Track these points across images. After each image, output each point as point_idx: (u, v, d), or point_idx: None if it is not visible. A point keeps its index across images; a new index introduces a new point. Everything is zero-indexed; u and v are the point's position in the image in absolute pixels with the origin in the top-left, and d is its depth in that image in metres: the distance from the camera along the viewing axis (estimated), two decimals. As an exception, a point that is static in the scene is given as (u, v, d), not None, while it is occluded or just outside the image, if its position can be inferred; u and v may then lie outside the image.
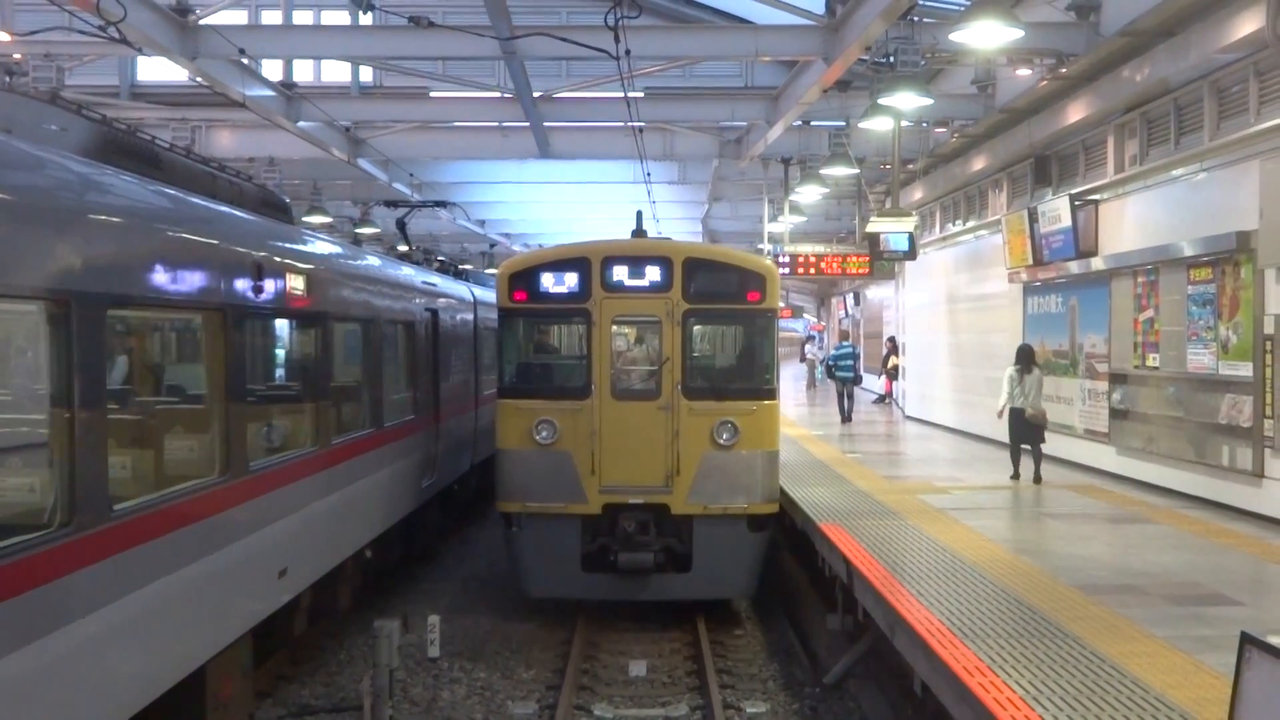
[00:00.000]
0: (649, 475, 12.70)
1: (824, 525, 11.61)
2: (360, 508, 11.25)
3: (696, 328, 13.25)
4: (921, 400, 25.45)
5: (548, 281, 13.08)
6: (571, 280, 13.04)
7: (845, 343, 26.42)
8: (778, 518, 12.86)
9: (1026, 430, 14.92)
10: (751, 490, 12.65)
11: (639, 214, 15.40)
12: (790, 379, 43.76)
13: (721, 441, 12.67)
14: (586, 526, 12.75)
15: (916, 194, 23.86)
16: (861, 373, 28.84)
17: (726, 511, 12.60)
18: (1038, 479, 14.88)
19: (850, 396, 24.97)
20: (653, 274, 13.05)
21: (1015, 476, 15.21)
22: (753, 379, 12.99)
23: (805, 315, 67.98)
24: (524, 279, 13.07)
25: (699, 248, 14.29)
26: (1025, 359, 14.97)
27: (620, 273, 13.04)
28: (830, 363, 26.60)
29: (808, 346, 42.14)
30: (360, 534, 11.45)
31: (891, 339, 29.66)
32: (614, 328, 13.07)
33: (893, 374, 29.07)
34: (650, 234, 14.60)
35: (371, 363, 11.71)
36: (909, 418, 25.62)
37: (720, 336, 14.16)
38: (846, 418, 24.45)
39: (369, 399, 11.65)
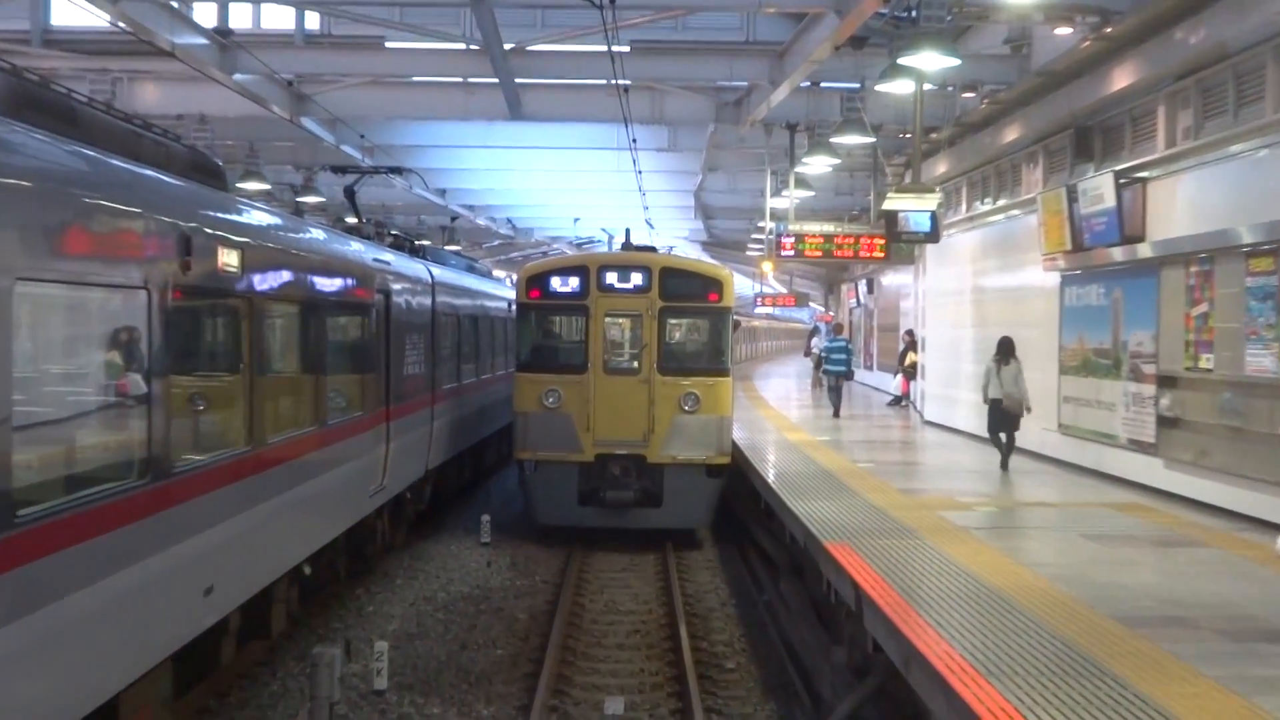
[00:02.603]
0: (631, 432, 18.79)
1: (830, 545, 11.77)
2: (298, 518, 11.41)
3: (669, 320, 19.37)
4: (943, 403, 25.41)
5: (556, 283, 19.11)
6: (574, 282, 19.06)
7: (839, 337, 27.89)
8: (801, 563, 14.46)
9: (1003, 419, 17.09)
10: (709, 445, 18.75)
11: (627, 231, 21.95)
12: (795, 378, 44.13)
13: (686, 408, 18.84)
14: (583, 471, 18.73)
15: (940, 167, 23.78)
16: (853, 369, 29.72)
17: (690, 461, 18.68)
18: (1005, 467, 17.10)
19: (838, 390, 26.28)
20: (636, 279, 19.09)
21: (1004, 467, 17.19)
22: (712, 360, 19.29)
23: (812, 304, 68.17)
24: (538, 281, 19.17)
25: (672, 260, 20.94)
26: (1005, 351, 17.03)
27: (612, 277, 19.09)
28: (821, 354, 27.92)
29: (814, 340, 42.19)
30: (298, 548, 11.62)
31: (909, 333, 29.66)
32: (606, 319, 19.13)
33: (910, 373, 29.06)
34: (637, 230, 20.84)
35: (312, 352, 11.90)
36: (928, 423, 25.58)
37: (687, 328, 20.35)
38: (836, 412, 25.94)
39: (310, 394, 11.84)
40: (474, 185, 33.97)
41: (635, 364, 19.16)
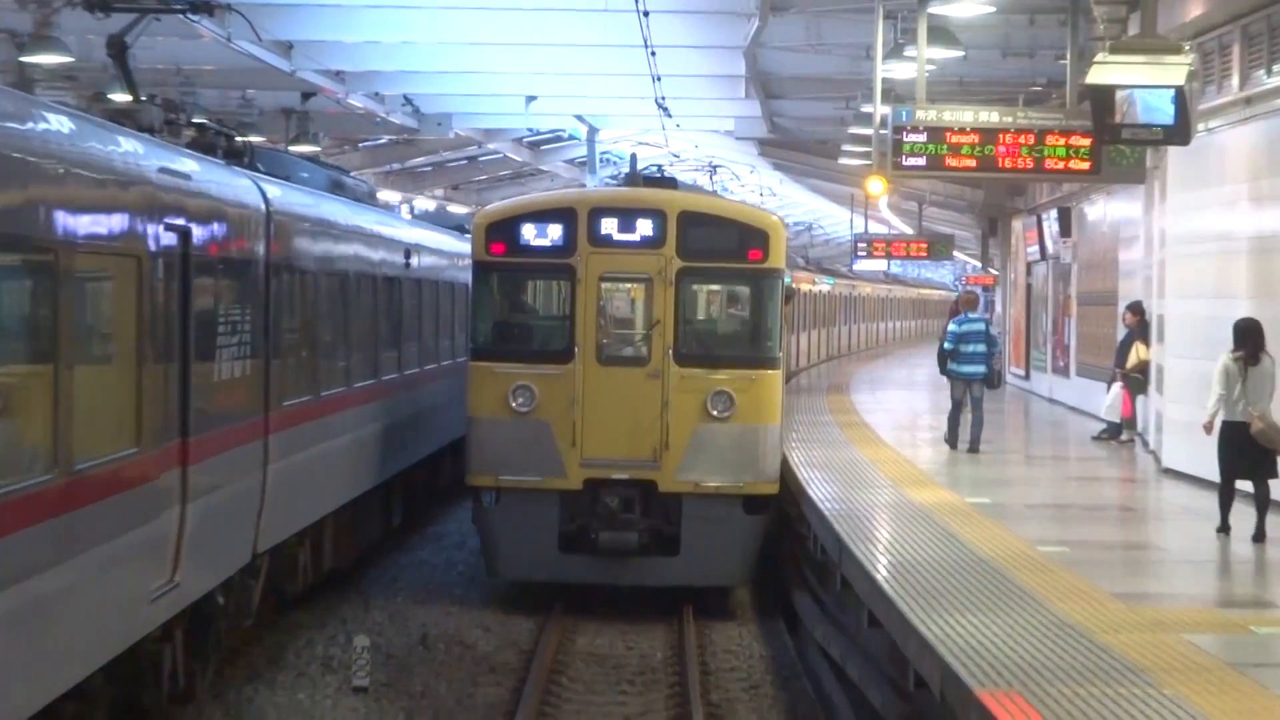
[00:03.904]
0: (635, 448, 20.87)
1: (988, 695, 11.85)
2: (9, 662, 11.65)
3: (692, 287, 21.73)
4: (1195, 437, 24.31)
5: (529, 233, 21.27)
6: (555, 233, 21.14)
7: (973, 313, 28.24)
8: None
9: (1250, 455, 17.59)
10: (748, 467, 21.00)
11: (633, 156, 25.10)
12: (925, 388, 43.98)
13: (716, 413, 20.88)
14: (565, 503, 20.88)
15: (1191, 9, 23.41)
16: (998, 367, 30.45)
17: (720, 490, 20.88)
18: (1259, 536, 17.52)
19: (977, 406, 27.15)
20: (644, 228, 21.13)
21: (1224, 529, 18.03)
22: (753, 346, 21.67)
23: (957, 255, 67.30)
24: (502, 230, 21.40)
25: (697, 199, 23.36)
26: (1249, 340, 17.75)
27: (609, 225, 21.09)
28: (947, 346, 28.18)
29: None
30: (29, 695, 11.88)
31: (1135, 309, 28.47)
32: (602, 286, 21.33)
33: (1137, 381, 27.91)
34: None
35: (50, 340, 12.15)
36: (1169, 472, 25.07)
37: (718, 298, 22.75)
38: (973, 445, 27.01)
39: (39, 424, 12.10)
40: (346, 37, 33.39)
41: (643, 350, 21.28)
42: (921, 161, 24.00)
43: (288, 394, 18.80)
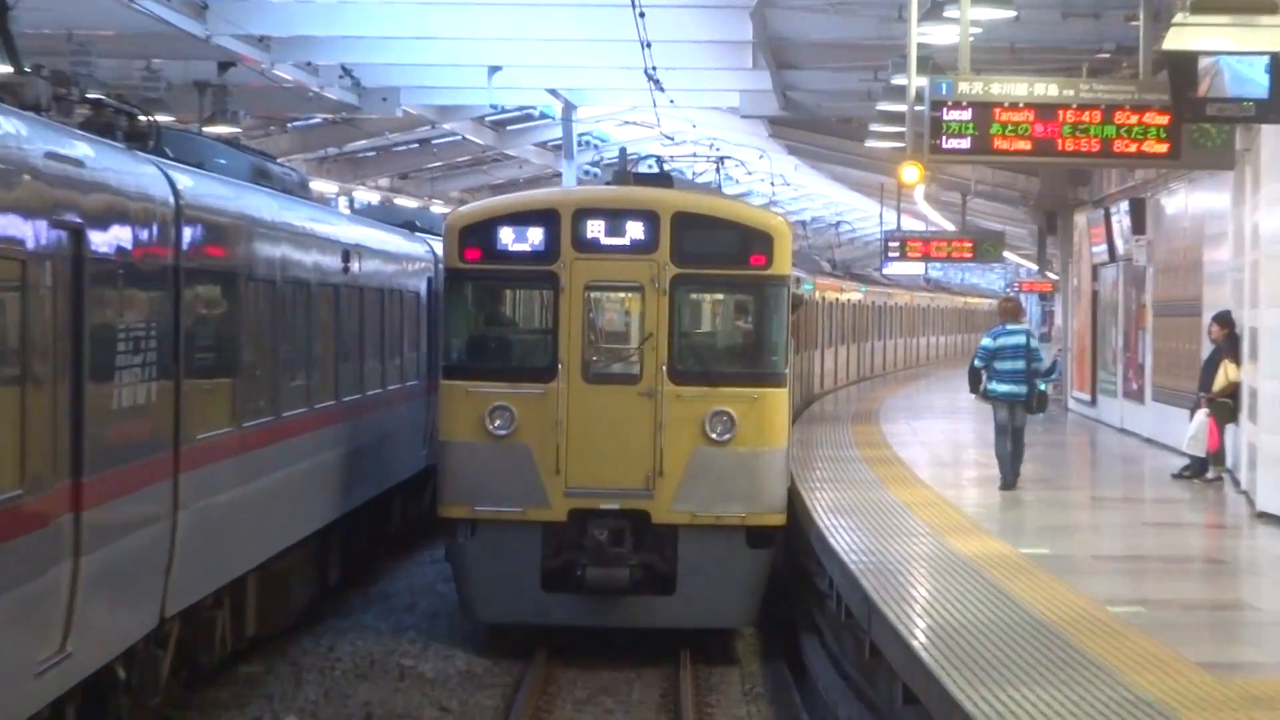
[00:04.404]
0: (626, 475, 22.27)
1: None
2: None
3: (689, 297, 23.37)
4: None
5: (507, 237, 22.66)
6: (536, 236, 22.49)
7: (1013, 324, 28.68)
8: None
9: None
10: (751, 496, 22.42)
11: (623, 150, 27.24)
12: (968, 415, 43.81)
13: (715, 436, 22.31)
14: (548, 536, 22.35)
15: None
16: (1042, 386, 30.30)
17: (720, 521, 22.31)
18: None
19: (1017, 436, 27.71)
20: (635, 230, 22.51)
21: None
22: (756, 361, 23.32)
23: (1008, 256, 67.21)
24: (478, 234, 22.76)
25: (694, 198, 24.73)
26: None
27: (596, 228, 22.49)
28: (979, 363, 28.84)
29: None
30: None
31: (1224, 319, 28.42)
32: (588, 296, 22.71)
33: (1225, 407, 27.85)
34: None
35: None
36: (1263, 515, 25.04)
37: (718, 309, 24.48)
38: (1008, 480, 27.61)
39: None
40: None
41: (634, 367, 22.72)
42: (965, 144, 23.95)
43: (202, 425, 18.71)
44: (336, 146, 54.55)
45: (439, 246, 29.39)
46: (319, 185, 50.39)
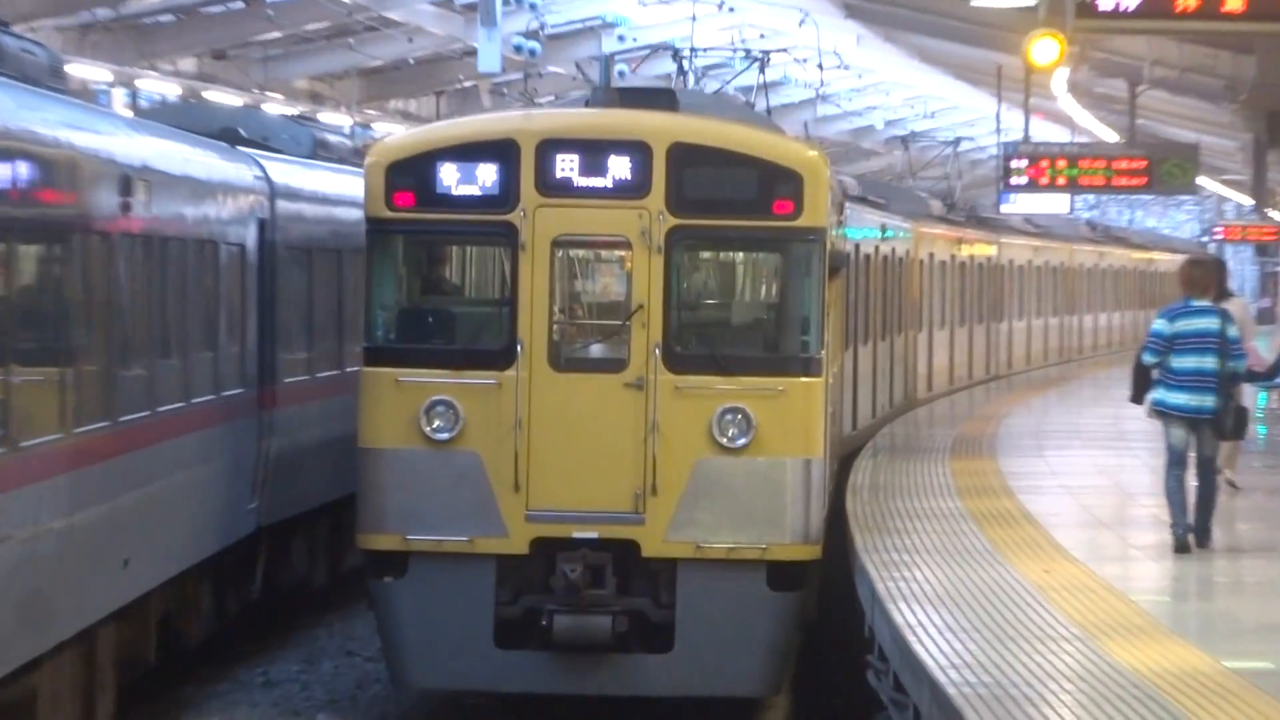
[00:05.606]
0: (607, 493, 19.72)
1: None
2: None
3: (690, 257, 20.80)
4: None
5: (449, 177, 20.30)
6: (488, 176, 20.19)
7: (1198, 300, 23.35)
8: None
9: None
10: (774, 521, 19.68)
11: (605, 60, 25.35)
12: (1142, 439, 35.77)
13: (726, 441, 19.75)
14: (504, 574, 19.71)
15: None
16: (1262, 398, 26.60)
17: (732, 554, 19.51)
18: None
19: (1205, 469, 23.05)
20: (620, 168, 20.19)
21: None
22: (780, 342, 20.56)
23: (1203, 185, 59.88)
24: (410, 172, 20.38)
25: (699, 124, 21.33)
26: None
27: (567, 164, 20.19)
28: (1147, 358, 23.91)
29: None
30: None
31: None
32: (556, 255, 20.35)
33: None
34: None
35: None
36: None
37: (728, 272, 22.19)
38: (1199, 536, 22.83)
39: None
40: None
41: (618, 350, 20.13)
42: (1134, 1, 20.18)
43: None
44: (110, 8, 43.05)
45: (278, 171, 26.61)
46: (81, 69, 43.72)
